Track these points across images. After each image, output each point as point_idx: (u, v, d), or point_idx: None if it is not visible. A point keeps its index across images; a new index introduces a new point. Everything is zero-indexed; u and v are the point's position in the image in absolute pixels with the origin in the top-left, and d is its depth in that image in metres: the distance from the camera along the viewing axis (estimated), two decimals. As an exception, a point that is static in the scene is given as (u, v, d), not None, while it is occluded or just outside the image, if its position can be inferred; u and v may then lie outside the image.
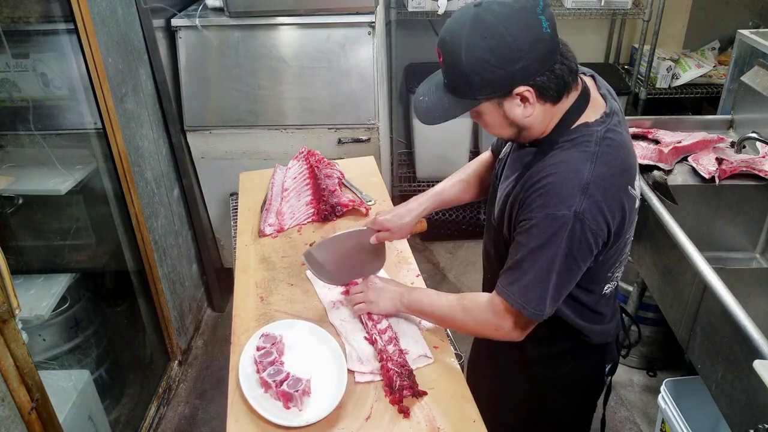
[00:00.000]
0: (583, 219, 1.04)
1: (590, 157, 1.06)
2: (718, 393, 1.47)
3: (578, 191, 1.03)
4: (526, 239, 1.09)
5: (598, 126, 1.09)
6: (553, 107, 1.09)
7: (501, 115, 1.09)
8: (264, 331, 1.35)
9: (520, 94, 1.04)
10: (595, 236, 1.06)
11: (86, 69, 1.89)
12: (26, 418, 1.34)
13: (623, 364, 2.52)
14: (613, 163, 1.07)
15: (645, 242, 1.98)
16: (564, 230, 1.04)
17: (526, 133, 1.13)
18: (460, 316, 1.22)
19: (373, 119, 2.52)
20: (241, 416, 1.20)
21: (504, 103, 1.06)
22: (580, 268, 1.11)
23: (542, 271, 1.08)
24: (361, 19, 2.42)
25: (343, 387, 1.21)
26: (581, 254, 1.08)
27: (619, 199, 1.08)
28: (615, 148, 1.09)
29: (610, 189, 1.06)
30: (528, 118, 1.08)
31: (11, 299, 1.24)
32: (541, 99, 1.06)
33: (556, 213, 1.04)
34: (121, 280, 2.29)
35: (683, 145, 1.99)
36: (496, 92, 1.05)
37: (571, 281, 1.12)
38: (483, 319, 1.18)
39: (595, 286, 1.23)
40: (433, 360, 1.30)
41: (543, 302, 1.10)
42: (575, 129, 1.10)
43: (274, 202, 1.86)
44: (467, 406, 1.20)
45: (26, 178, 1.96)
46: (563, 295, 1.13)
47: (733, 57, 2.24)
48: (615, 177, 1.07)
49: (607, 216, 1.06)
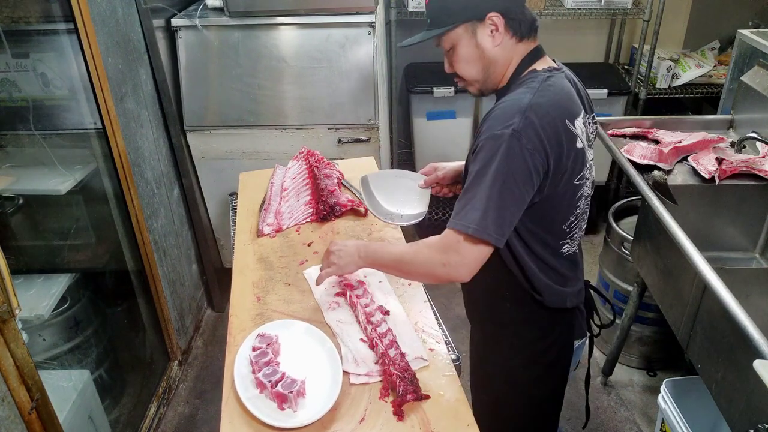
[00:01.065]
0: (520, 137, 1.11)
1: (531, 91, 1.18)
2: (718, 393, 1.47)
3: (517, 114, 1.13)
4: (472, 166, 1.17)
5: (543, 72, 1.23)
6: (516, 44, 1.24)
7: (474, 45, 1.23)
8: (260, 331, 1.35)
9: (491, 19, 1.20)
10: (532, 157, 1.13)
11: (86, 69, 1.89)
12: (26, 418, 1.34)
13: (623, 364, 2.52)
14: (551, 97, 1.18)
15: (645, 242, 1.98)
16: (502, 147, 1.12)
17: (491, 69, 1.25)
18: (410, 258, 1.25)
19: (373, 119, 2.52)
20: (235, 417, 1.20)
21: (477, 30, 1.22)
22: (521, 192, 1.15)
23: (483, 190, 1.13)
24: (361, 19, 2.42)
25: (338, 389, 1.20)
26: (521, 175, 1.13)
27: (555, 127, 1.15)
28: (555, 87, 1.21)
29: (547, 116, 1.15)
30: (496, 48, 1.22)
31: (11, 299, 1.24)
32: (509, 30, 1.22)
33: (496, 133, 1.13)
34: (121, 280, 2.29)
35: (683, 145, 1.99)
36: (473, 14, 1.20)
37: (513, 205, 1.15)
38: (431, 256, 1.21)
39: (552, 239, 1.29)
40: (428, 363, 1.29)
41: (485, 219, 1.13)
42: (525, 75, 1.25)
43: (273, 201, 1.87)
44: (462, 409, 1.19)
45: (26, 178, 1.96)
46: (506, 219, 1.15)
47: (733, 57, 2.24)
48: (552, 107, 1.16)
49: (543, 140, 1.13)
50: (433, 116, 3.11)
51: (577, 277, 1.41)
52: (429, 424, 1.16)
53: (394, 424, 1.16)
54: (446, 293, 2.97)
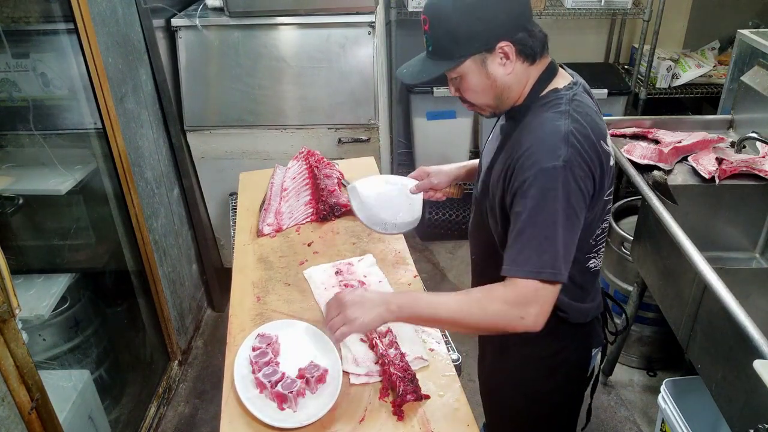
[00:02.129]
0: (572, 166, 1.07)
1: (563, 115, 1.12)
2: (718, 393, 1.46)
3: (561, 142, 1.08)
4: (523, 204, 1.10)
5: (566, 91, 1.17)
6: (529, 68, 1.17)
7: (484, 74, 1.15)
8: (260, 331, 1.35)
9: (502, 49, 1.12)
10: (584, 183, 1.10)
11: (86, 69, 1.89)
12: (26, 418, 1.34)
13: (623, 364, 2.52)
14: (584, 119, 1.13)
15: (645, 242, 1.98)
16: (558, 180, 1.07)
17: (506, 95, 1.18)
18: (475, 314, 1.10)
19: (373, 119, 2.52)
20: (235, 417, 1.20)
21: (487, 60, 1.13)
22: (579, 219, 1.12)
23: (547, 229, 1.07)
24: (361, 19, 2.42)
25: (338, 389, 1.20)
26: (578, 203, 1.10)
27: (596, 150, 1.12)
28: (583, 107, 1.15)
29: (587, 139, 1.11)
30: (508, 77, 1.15)
31: (11, 299, 1.24)
32: (521, 56, 1.14)
33: (547, 166, 1.07)
34: (121, 280, 2.29)
35: (683, 145, 1.99)
36: (482, 46, 1.12)
37: (575, 236, 1.12)
38: (503, 313, 1.08)
39: (581, 256, 1.24)
40: (428, 363, 1.29)
41: (557, 259, 1.07)
42: (546, 94, 1.18)
43: (273, 201, 1.86)
44: (461, 410, 1.19)
45: (26, 178, 1.96)
46: (572, 254, 1.11)
47: (733, 57, 2.24)
48: (587, 129, 1.12)
49: (590, 164, 1.10)
50: (433, 116, 3.11)
51: (597, 291, 1.38)
52: (428, 424, 1.16)
53: (394, 424, 1.16)
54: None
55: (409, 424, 1.16)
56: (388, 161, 3.02)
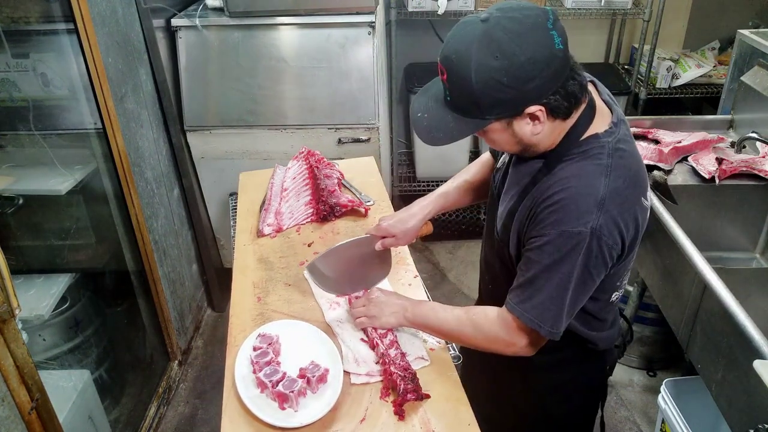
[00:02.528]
0: (600, 235, 1.01)
1: (604, 171, 1.03)
2: (718, 393, 1.46)
3: (594, 207, 1.00)
4: (538, 256, 1.05)
5: (608, 137, 1.06)
6: (563, 122, 1.05)
7: (509, 134, 1.05)
8: (261, 331, 1.35)
9: (532, 113, 1.00)
10: (610, 251, 1.04)
11: (86, 69, 1.89)
12: (26, 418, 1.34)
13: (623, 364, 2.52)
14: (627, 175, 1.04)
15: (645, 242, 1.98)
16: (580, 248, 1.01)
17: (533, 149, 1.10)
18: (468, 332, 1.19)
19: (373, 119, 2.52)
20: (236, 416, 1.20)
21: (513, 122, 1.03)
22: (595, 282, 1.09)
23: (558, 289, 1.05)
24: (361, 19, 2.42)
25: (339, 388, 1.20)
26: (597, 270, 1.06)
27: (633, 213, 1.05)
28: (627, 159, 1.06)
29: (626, 203, 1.03)
30: (536, 136, 1.05)
31: (11, 299, 1.24)
32: (552, 116, 1.02)
33: (572, 230, 1.01)
34: (121, 280, 2.29)
35: (683, 145, 1.99)
36: (507, 112, 1.00)
37: (585, 297, 1.11)
38: (494, 336, 1.15)
39: (604, 295, 1.22)
40: (429, 362, 1.29)
41: (559, 320, 1.08)
42: (585, 141, 1.06)
43: (273, 202, 1.86)
44: (462, 409, 1.19)
45: (26, 178, 1.96)
46: (577, 310, 1.12)
47: (733, 57, 2.24)
48: (629, 190, 1.04)
49: (623, 230, 1.04)
50: (433, 116, 3.10)
51: (616, 312, 1.34)
52: (429, 424, 1.16)
53: (395, 423, 1.16)
54: (447, 293, 2.97)
55: (409, 424, 1.16)
56: (388, 161, 3.02)
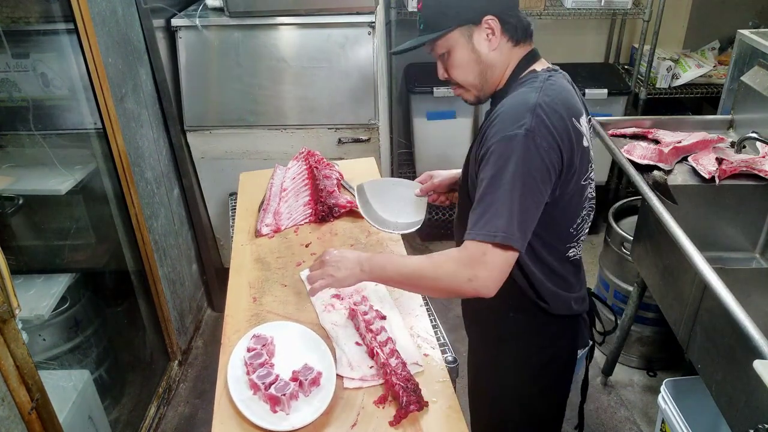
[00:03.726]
0: (534, 136, 1.09)
1: (535, 90, 1.15)
2: (718, 393, 1.47)
3: (527, 112, 1.11)
4: (484, 172, 1.13)
5: (544, 73, 1.22)
6: (513, 49, 1.23)
7: (470, 49, 1.21)
8: (255, 332, 1.34)
9: (488, 23, 1.18)
10: (548, 155, 1.10)
11: (86, 69, 1.89)
12: (26, 418, 1.34)
13: (623, 364, 2.52)
14: (557, 95, 1.15)
15: (645, 242, 1.98)
16: (518, 149, 1.08)
17: (489, 74, 1.23)
18: (429, 273, 1.15)
19: (373, 119, 2.52)
20: (226, 418, 1.19)
21: (473, 34, 1.20)
22: (541, 189, 1.11)
23: (504, 195, 1.08)
24: (361, 19, 2.42)
25: (331, 392, 1.19)
26: (539, 173, 1.10)
27: (565, 125, 1.13)
28: (557, 86, 1.18)
29: (556, 113, 1.12)
30: (492, 53, 1.21)
31: (11, 299, 1.24)
32: (505, 33, 1.20)
33: (509, 134, 1.10)
34: (121, 280, 2.29)
35: (683, 145, 1.99)
36: (468, 17, 1.18)
37: (535, 204, 1.12)
38: (454, 271, 1.12)
39: (558, 243, 1.26)
40: (423, 369, 1.28)
41: (511, 224, 1.08)
42: (524, 75, 1.23)
43: (272, 202, 1.86)
44: (454, 416, 1.18)
45: (26, 178, 1.96)
46: (529, 221, 1.12)
47: (733, 57, 2.24)
48: (559, 105, 1.14)
49: (556, 137, 1.11)
50: (433, 116, 3.10)
51: (581, 283, 1.39)
52: (421, 431, 1.15)
53: (386, 429, 1.15)
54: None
55: (401, 431, 1.15)
56: (388, 161, 3.02)
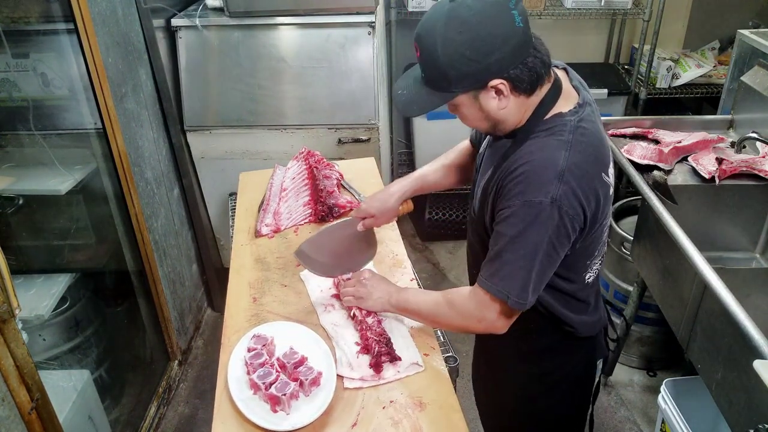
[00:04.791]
0: (561, 205, 1.06)
1: (564, 146, 1.09)
2: (718, 393, 1.47)
3: (555, 178, 1.06)
4: (505, 228, 1.11)
5: (571, 116, 1.13)
6: (527, 99, 1.12)
7: (477, 107, 1.13)
8: (255, 332, 1.34)
9: (495, 86, 1.08)
10: (572, 222, 1.09)
11: (86, 69, 1.89)
12: (26, 418, 1.34)
13: (623, 364, 2.52)
14: (587, 150, 1.10)
15: (645, 242, 1.98)
16: (542, 217, 1.07)
17: (501, 126, 1.16)
18: (444, 311, 1.23)
19: (373, 119, 2.52)
20: (227, 417, 1.19)
21: (480, 96, 1.10)
22: (559, 255, 1.12)
23: (523, 260, 1.09)
24: (361, 19, 2.42)
25: (331, 392, 1.19)
26: (560, 240, 1.10)
27: (593, 186, 1.10)
28: (588, 136, 1.12)
29: (585, 176, 1.09)
30: (503, 111, 1.12)
31: (11, 299, 1.24)
32: (516, 91, 1.10)
33: (534, 200, 1.06)
34: (121, 280, 2.29)
35: (683, 145, 1.99)
36: (472, 85, 1.09)
37: (551, 268, 1.14)
38: (466, 312, 1.19)
39: (576, 276, 1.25)
40: (423, 368, 1.28)
41: (525, 291, 1.11)
42: (549, 119, 1.14)
43: (272, 202, 1.86)
44: (455, 417, 1.18)
45: (26, 178, 1.96)
46: (544, 282, 1.15)
47: (733, 57, 2.24)
48: (589, 164, 1.10)
49: (583, 202, 1.09)
50: (433, 116, 3.10)
51: (599, 299, 1.38)
52: (421, 431, 1.15)
53: (387, 429, 1.16)
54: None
55: (401, 430, 1.15)
56: (388, 161, 3.02)
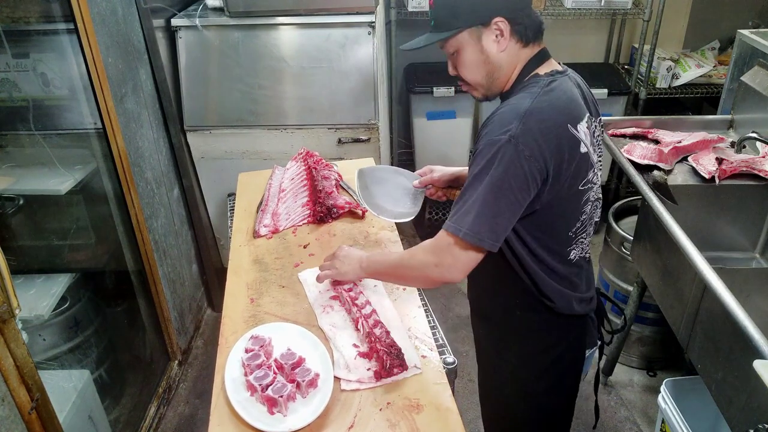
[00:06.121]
0: (517, 143, 1.10)
1: (531, 96, 1.16)
2: (718, 393, 1.47)
3: (515, 119, 1.12)
4: (471, 169, 1.17)
5: (546, 77, 1.21)
6: (521, 50, 1.22)
7: (479, 49, 1.21)
8: (253, 333, 1.34)
9: (497, 25, 1.18)
10: (529, 164, 1.11)
11: (86, 69, 1.89)
12: (26, 418, 1.34)
13: (623, 364, 2.52)
14: (552, 101, 1.16)
15: (645, 242, 1.98)
16: (499, 153, 1.11)
17: (496, 75, 1.23)
18: (405, 263, 1.27)
19: (373, 119, 2.52)
20: (224, 419, 1.19)
21: (482, 35, 1.19)
22: (517, 198, 1.14)
23: (478, 195, 1.13)
24: (361, 19, 2.42)
25: (329, 394, 1.19)
26: (516, 181, 1.12)
27: (555, 132, 1.14)
28: (557, 91, 1.18)
29: (547, 120, 1.13)
30: (501, 54, 1.21)
31: (11, 299, 1.24)
32: (514, 35, 1.20)
33: (494, 138, 1.13)
34: (121, 280, 2.29)
35: (683, 145, 1.99)
36: (478, 19, 1.18)
37: (508, 210, 1.14)
38: (424, 258, 1.22)
39: (559, 247, 1.27)
40: (421, 371, 1.28)
41: (477, 225, 1.13)
42: (528, 79, 1.23)
43: (271, 202, 1.86)
44: (452, 419, 1.18)
45: (26, 178, 1.96)
46: (501, 225, 1.15)
47: (733, 57, 2.24)
48: (552, 111, 1.15)
49: (542, 146, 1.12)
50: (433, 116, 3.11)
51: (588, 284, 1.39)
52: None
53: (384, 431, 1.15)
54: (446, 293, 2.97)
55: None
56: (388, 161, 3.02)
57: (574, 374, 1.47)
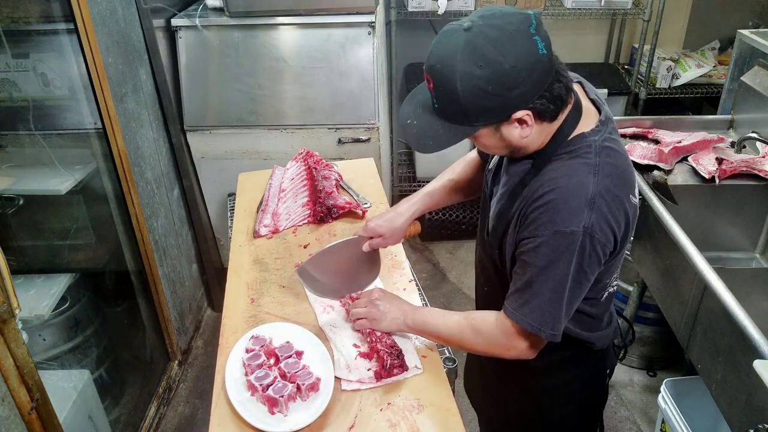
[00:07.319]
0: (593, 234, 1.02)
1: (592, 169, 1.04)
2: (718, 393, 1.47)
3: (585, 206, 1.01)
4: (533, 258, 1.06)
5: (594, 135, 1.08)
6: (550, 125, 1.07)
7: (498, 138, 1.06)
8: (254, 333, 1.34)
9: (519, 118, 1.02)
10: (603, 248, 1.05)
11: (86, 69, 1.89)
12: (26, 418, 1.34)
13: (623, 364, 2.52)
14: (614, 173, 1.06)
15: (645, 242, 1.98)
16: (574, 247, 1.03)
17: (521, 152, 1.11)
18: (468, 337, 1.18)
19: (373, 119, 2.52)
20: (224, 419, 1.19)
21: (501, 127, 1.04)
22: (590, 281, 1.10)
23: (554, 291, 1.06)
24: (361, 19, 2.42)
25: (329, 395, 1.19)
26: (591, 268, 1.07)
27: (623, 209, 1.06)
28: (614, 157, 1.07)
29: (615, 201, 1.04)
30: (525, 139, 1.06)
31: (11, 299, 1.24)
32: (539, 120, 1.04)
33: (565, 230, 1.02)
34: (121, 280, 2.29)
35: (683, 145, 1.99)
36: (494, 118, 1.02)
37: (581, 296, 1.12)
38: (494, 340, 1.15)
39: (596, 294, 1.22)
40: (422, 371, 1.28)
41: (558, 322, 1.09)
42: (572, 140, 1.08)
43: (271, 203, 1.86)
44: (452, 419, 1.18)
45: (26, 178, 1.96)
46: (574, 308, 1.12)
47: (733, 57, 2.24)
48: (618, 188, 1.05)
49: (614, 227, 1.05)
50: (433, 116, 3.10)
51: (612, 310, 1.34)
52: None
53: (384, 431, 1.15)
54: (447, 293, 2.97)
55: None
56: (388, 161, 3.02)
57: (598, 398, 1.45)
